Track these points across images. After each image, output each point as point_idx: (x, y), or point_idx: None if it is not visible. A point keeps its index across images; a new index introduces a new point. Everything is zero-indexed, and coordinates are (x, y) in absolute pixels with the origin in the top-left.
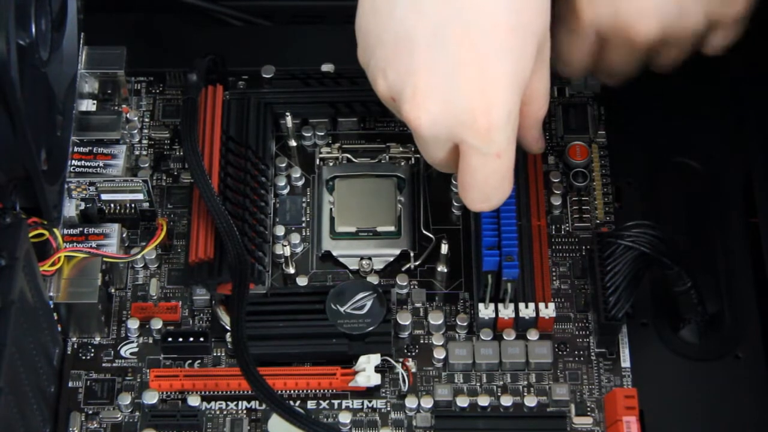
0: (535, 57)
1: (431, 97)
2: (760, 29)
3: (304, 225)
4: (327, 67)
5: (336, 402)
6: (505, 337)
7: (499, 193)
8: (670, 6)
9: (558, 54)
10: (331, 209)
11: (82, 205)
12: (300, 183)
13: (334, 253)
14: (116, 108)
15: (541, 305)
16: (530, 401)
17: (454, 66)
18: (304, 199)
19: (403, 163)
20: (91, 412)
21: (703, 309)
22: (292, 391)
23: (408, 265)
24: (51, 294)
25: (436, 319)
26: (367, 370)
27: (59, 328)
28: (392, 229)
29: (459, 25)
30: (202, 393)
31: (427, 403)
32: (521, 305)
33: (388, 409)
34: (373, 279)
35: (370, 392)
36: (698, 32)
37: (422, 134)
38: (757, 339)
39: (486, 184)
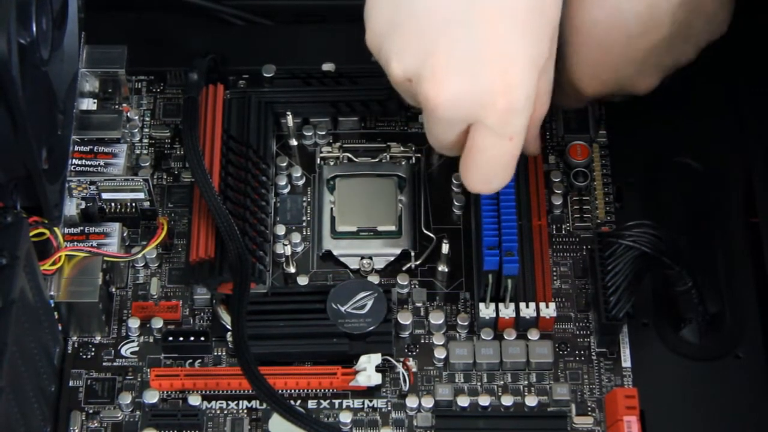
0: (549, 48)
1: (452, 77)
2: (759, 29)
3: (304, 224)
4: (328, 67)
5: (336, 401)
6: (505, 337)
7: (502, 177)
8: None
9: None
10: (331, 209)
11: (83, 204)
12: (301, 182)
13: (335, 253)
14: (117, 107)
15: (542, 305)
16: (531, 401)
17: (475, 45)
18: (304, 199)
19: (403, 163)
20: (91, 411)
21: (704, 309)
22: (292, 391)
23: (409, 265)
24: (52, 293)
25: (436, 318)
26: (367, 369)
27: (60, 328)
28: (393, 228)
29: (478, 4)
30: (203, 392)
31: (427, 402)
32: (522, 305)
33: (389, 408)
34: (374, 278)
35: (370, 392)
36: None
37: (439, 114)
38: (757, 339)
39: (492, 165)
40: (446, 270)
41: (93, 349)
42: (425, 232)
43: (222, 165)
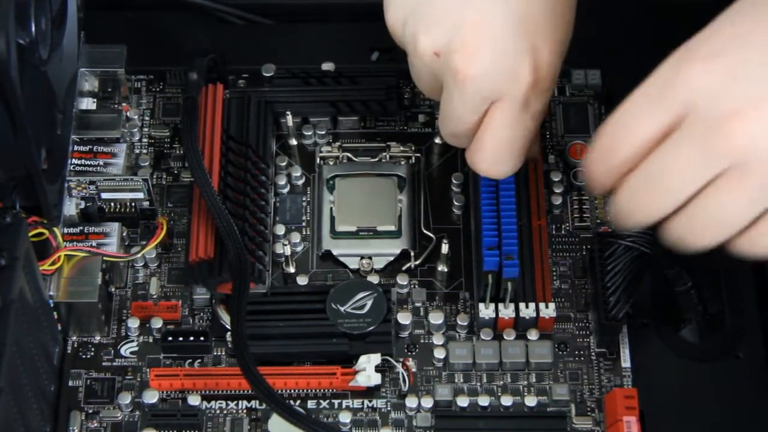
0: (568, 36)
1: (482, 49)
2: None
3: (304, 224)
4: (327, 66)
5: (336, 402)
6: (505, 337)
7: (513, 160)
8: None
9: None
10: (331, 208)
11: (82, 204)
12: (300, 182)
13: (335, 253)
14: (116, 106)
15: (542, 305)
16: (530, 401)
17: (507, 19)
18: (304, 198)
19: (403, 163)
20: (91, 411)
21: (704, 309)
22: (292, 391)
23: (408, 265)
24: (51, 293)
25: (436, 318)
26: (367, 369)
27: (59, 327)
28: (392, 228)
29: None
30: (203, 392)
31: (427, 402)
32: (521, 305)
33: (389, 408)
34: (374, 278)
35: (370, 392)
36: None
37: (467, 87)
38: (757, 339)
39: (508, 145)
40: (446, 270)
41: (92, 349)
42: (425, 232)
43: (221, 165)
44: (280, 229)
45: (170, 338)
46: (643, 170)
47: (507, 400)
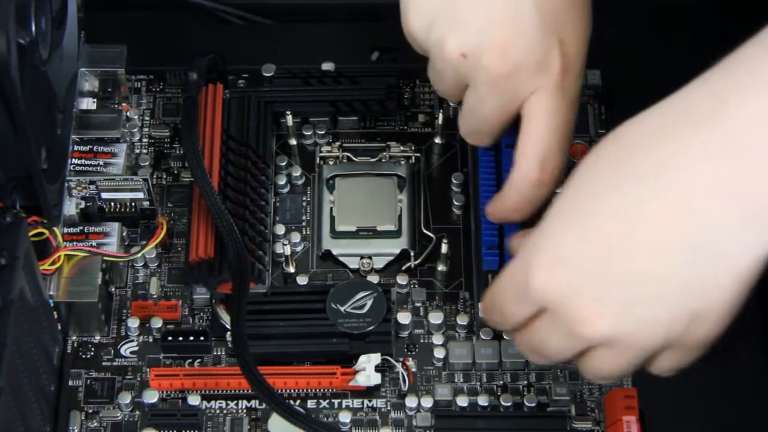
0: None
1: (513, 47)
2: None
3: (304, 224)
4: (327, 66)
5: (336, 401)
6: (505, 337)
7: (560, 156)
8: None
9: None
10: (331, 208)
11: (82, 204)
12: (300, 182)
13: (335, 252)
14: (116, 106)
15: None
16: (530, 401)
17: (534, 15)
18: (304, 198)
19: (403, 162)
20: (91, 411)
21: None
22: (292, 391)
23: (408, 264)
24: (51, 293)
25: (436, 318)
26: (367, 369)
27: (59, 327)
28: (392, 228)
29: None
30: (202, 392)
31: (427, 402)
32: None
33: (388, 408)
34: (373, 278)
35: (370, 392)
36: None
37: (499, 86)
38: (757, 339)
39: (552, 138)
40: (445, 270)
41: (92, 349)
42: (425, 231)
43: (221, 164)
44: (280, 229)
45: (170, 338)
46: (525, 340)
47: (507, 400)
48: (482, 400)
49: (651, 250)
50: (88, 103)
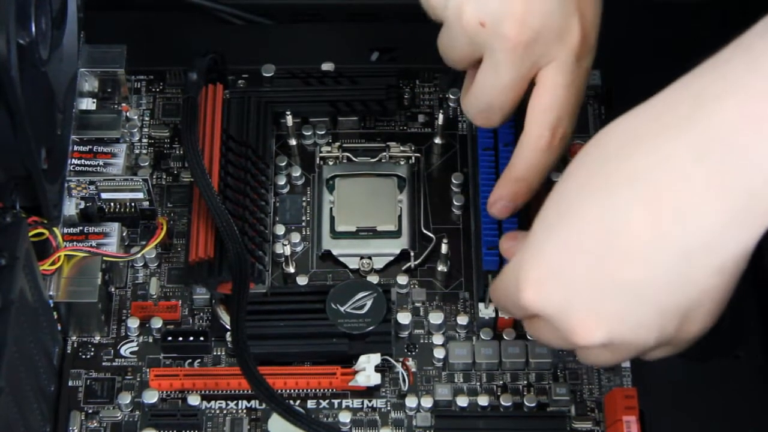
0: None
1: (532, 15)
2: None
3: (304, 224)
4: (327, 66)
5: (336, 401)
6: (505, 337)
7: (570, 125)
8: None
9: None
10: (331, 208)
11: (82, 204)
12: (300, 182)
13: (334, 253)
14: (116, 107)
15: None
16: (530, 401)
17: None
18: (304, 198)
19: (403, 163)
20: (91, 411)
21: None
22: (292, 391)
23: (408, 265)
24: (51, 293)
25: (436, 318)
26: (367, 369)
27: (59, 327)
28: (392, 228)
29: None
30: (202, 392)
31: (427, 402)
32: None
33: (388, 408)
34: (373, 278)
35: (370, 392)
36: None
37: (518, 54)
38: (757, 339)
39: (565, 109)
40: (446, 270)
41: (92, 349)
42: (425, 231)
43: (221, 165)
44: (280, 229)
45: (170, 338)
46: (530, 332)
47: (507, 400)
48: (482, 400)
49: (637, 258)
50: (87, 104)
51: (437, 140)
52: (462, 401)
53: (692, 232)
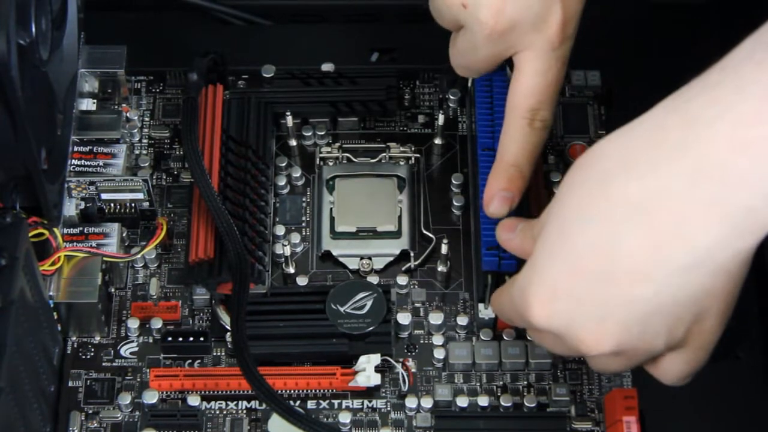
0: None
1: (509, 5)
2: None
3: (304, 224)
4: (327, 67)
5: (336, 402)
6: (505, 337)
7: (550, 108)
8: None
9: None
10: (331, 209)
11: (82, 205)
12: (300, 182)
13: (334, 253)
14: (116, 107)
15: None
16: (530, 401)
17: None
18: (304, 199)
19: (403, 163)
20: (91, 411)
21: None
22: (292, 391)
23: (408, 265)
24: (51, 293)
25: (436, 319)
26: (367, 370)
27: (59, 328)
28: (392, 228)
29: None
30: (202, 393)
31: (427, 403)
32: None
33: (388, 409)
34: (373, 279)
35: (370, 392)
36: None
37: (494, 40)
38: (757, 339)
39: (542, 94)
40: (445, 270)
41: (92, 350)
42: (424, 232)
43: (221, 165)
44: (280, 230)
45: (170, 338)
46: (536, 338)
47: (507, 401)
48: (482, 401)
49: (640, 277)
50: (88, 104)
51: (437, 141)
52: (462, 402)
53: (693, 248)
